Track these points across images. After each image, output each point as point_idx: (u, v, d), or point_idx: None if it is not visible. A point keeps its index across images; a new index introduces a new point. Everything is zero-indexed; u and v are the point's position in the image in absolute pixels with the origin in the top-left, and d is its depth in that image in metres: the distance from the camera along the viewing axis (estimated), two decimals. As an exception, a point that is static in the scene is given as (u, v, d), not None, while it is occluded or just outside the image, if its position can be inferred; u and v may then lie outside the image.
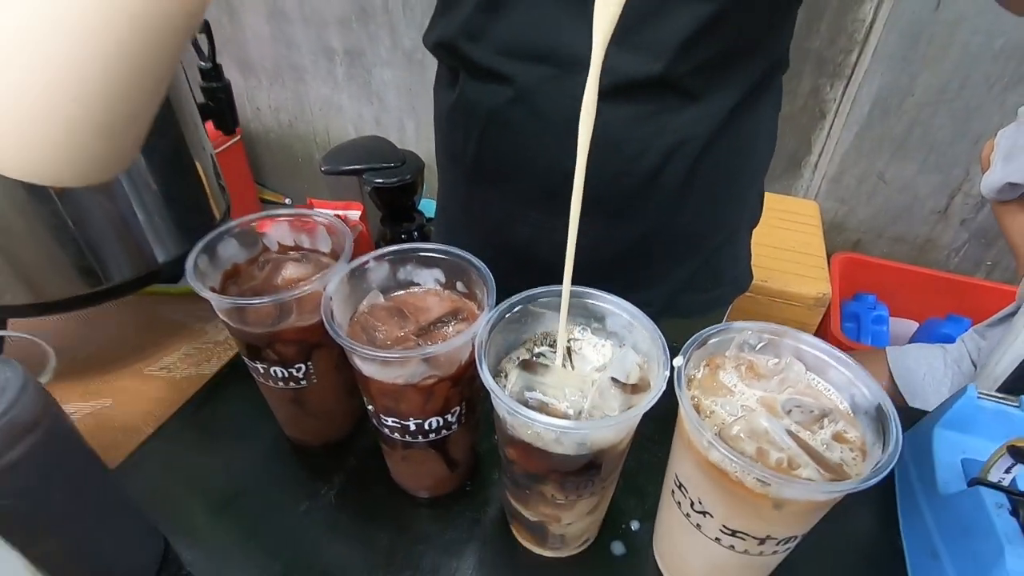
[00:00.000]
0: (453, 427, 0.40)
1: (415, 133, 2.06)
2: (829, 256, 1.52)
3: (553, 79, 0.51)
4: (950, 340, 1.08)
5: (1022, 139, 0.93)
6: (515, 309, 0.36)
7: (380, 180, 1.41)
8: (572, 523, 0.38)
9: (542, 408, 0.32)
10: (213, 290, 0.40)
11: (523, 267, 0.54)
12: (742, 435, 0.30)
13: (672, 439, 0.36)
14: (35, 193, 0.45)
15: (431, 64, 0.62)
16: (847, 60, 1.41)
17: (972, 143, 1.43)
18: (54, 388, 0.34)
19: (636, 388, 0.33)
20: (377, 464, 0.47)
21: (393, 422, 0.38)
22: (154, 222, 0.53)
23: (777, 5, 0.50)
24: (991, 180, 0.98)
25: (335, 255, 0.46)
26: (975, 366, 0.99)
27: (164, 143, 0.54)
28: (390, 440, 0.41)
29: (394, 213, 1.52)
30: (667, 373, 0.31)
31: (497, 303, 0.36)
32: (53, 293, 0.50)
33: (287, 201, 2.48)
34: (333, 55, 1.98)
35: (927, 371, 1.02)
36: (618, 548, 0.42)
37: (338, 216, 1.21)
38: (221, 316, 0.41)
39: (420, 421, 0.38)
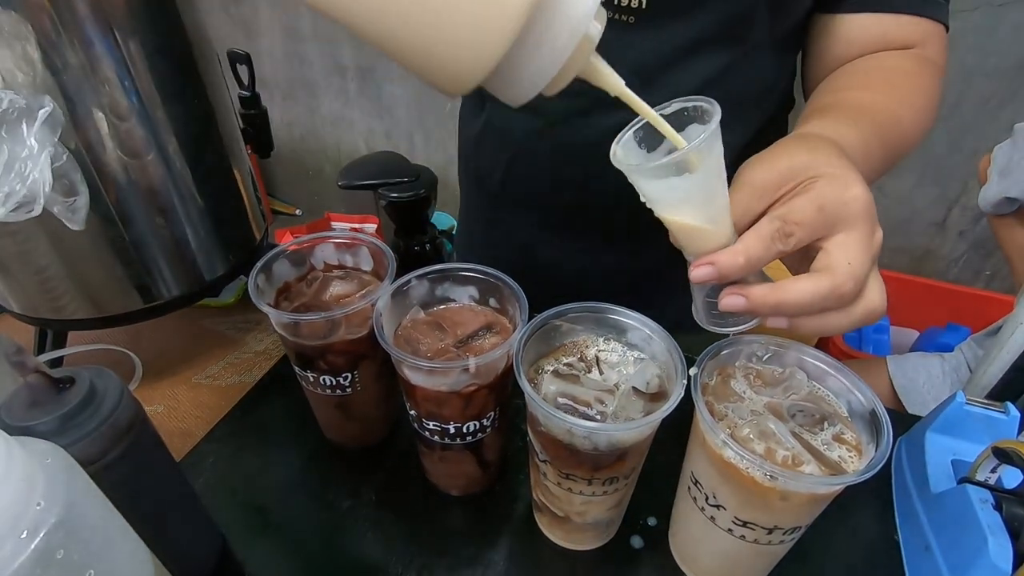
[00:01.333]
0: (487, 430, 0.44)
1: (424, 146, 2.12)
2: (830, 267, 1.55)
3: (579, 112, 0.55)
4: (949, 349, 1.12)
5: (1017, 155, 0.97)
6: (546, 324, 0.40)
7: (395, 195, 1.45)
8: (596, 517, 0.42)
9: (573, 412, 0.37)
10: (270, 306, 0.44)
11: (546, 286, 0.58)
12: (752, 436, 0.34)
13: (687, 441, 0.40)
14: (101, 218, 0.50)
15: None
16: (846, 77, 1.46)
17: (968, 157, 1.47)
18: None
19: (655, 396, 0.37)
20: (412, 465, 0.51)
21: (434, 425, 0.43)
22: (203, 244, 0.58)
23: (777, 58, 0.55)
24: (988, 194, 1.02)
25: (376, 273, 0.50)
26: (973, 374, 1.02)
27: (215, 169, 0.59)
28: (430, 442, 0.45)
29: (408, 226, 1.57)
30: (684, 382, 0.35)
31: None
32: (113, 308, 0.55)
33: (297, 212, 2.53)
34: (345, 72, 2.04)
35: (926, 379, 1.06)
36: (637, 542, 0.46)
37: (355, 229, 1.26)
38: (278, 329, 0.45)
39: (459, 425, 0.42)
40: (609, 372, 0.40)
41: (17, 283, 0.53)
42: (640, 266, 0.62)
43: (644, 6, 0.50)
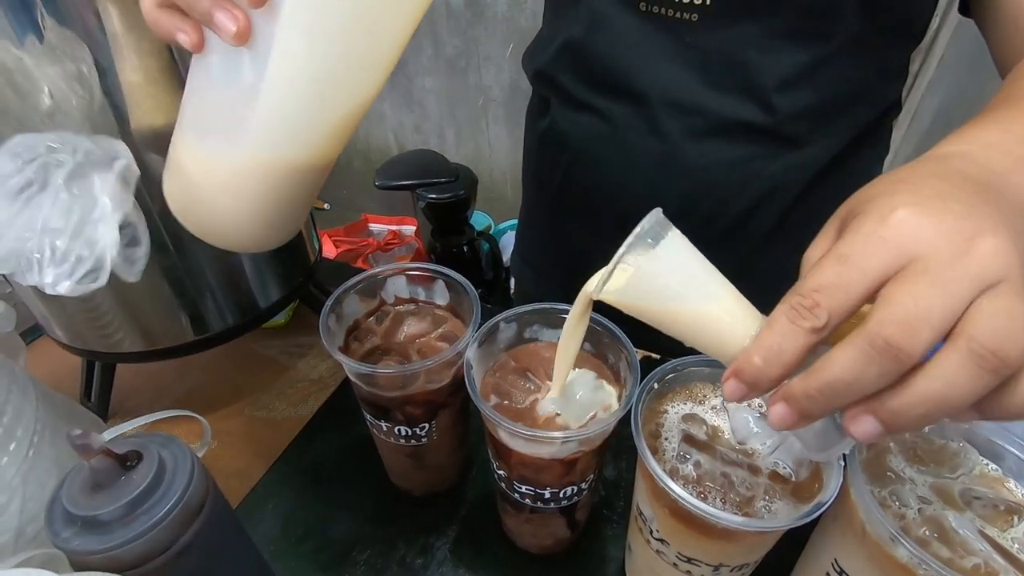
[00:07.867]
0: (584, 493, 0.39)
1: (455, 140, 2.06)
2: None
3: (645, 117, 0.51)
4: None
5: None
6: (680, 369, 0.35)
7: (434, 195, 1.40)
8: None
9: (704, 495, 0.31)
10: (341, 350, 0.40)
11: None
12: (928, 533, 0.29)
13: (826, 523, 0.35)
14: (156, 249, 0.46)
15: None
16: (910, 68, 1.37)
17: None
18: (162, 426, 0.36)
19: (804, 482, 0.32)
20: (488, 517, 0.47)
21: (527, 490, 0.38)
22: (259, 269, 0.53)
23: (887, 52, 0.48)
24: None
25: (451, 309, 0.45)
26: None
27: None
28: (518, 504, 0.40)
29: (446, 227, 1.52)
30: (842, 463, 0.30)
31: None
32: (166, 340, 0.51)
33: (326, 206, 2.50)
34: (377, 64, 1.99)
35: None
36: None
37: (393, 232, 1.22)
38: (352, 377, 0.40)
39: (556, 491, 0.37)
40: (741, 434, 0.35)
41: (64, 313, 0.49)
42: None
43: (708, 3, 0.44)
